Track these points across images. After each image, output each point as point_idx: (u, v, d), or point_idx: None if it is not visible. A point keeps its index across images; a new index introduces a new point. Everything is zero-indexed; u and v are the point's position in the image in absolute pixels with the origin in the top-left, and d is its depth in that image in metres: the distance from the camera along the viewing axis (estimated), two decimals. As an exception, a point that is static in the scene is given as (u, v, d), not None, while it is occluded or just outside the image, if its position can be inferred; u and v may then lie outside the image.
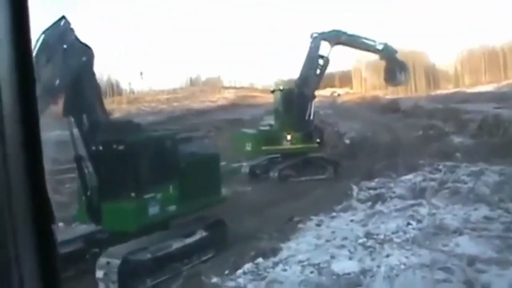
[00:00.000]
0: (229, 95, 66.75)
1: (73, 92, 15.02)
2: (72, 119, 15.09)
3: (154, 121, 52.74)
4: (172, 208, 15.85)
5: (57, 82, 14.55)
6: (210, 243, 16.28)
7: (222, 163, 30.62)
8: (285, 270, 13.21)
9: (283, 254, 14.35)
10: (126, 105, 67.96)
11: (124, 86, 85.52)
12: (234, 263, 14.10)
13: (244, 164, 29.70)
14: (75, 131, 15.25)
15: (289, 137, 27.72)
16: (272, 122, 30.84)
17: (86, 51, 15.38)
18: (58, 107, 15.22)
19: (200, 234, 16.21)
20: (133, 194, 14.96)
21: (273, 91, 31.58)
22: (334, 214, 18.00)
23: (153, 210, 15.30)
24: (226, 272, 13.55)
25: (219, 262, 14.70)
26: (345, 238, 14.94)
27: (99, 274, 13.47)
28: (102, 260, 13.63)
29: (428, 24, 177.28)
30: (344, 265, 12.88)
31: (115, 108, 65.64)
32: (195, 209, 16.72)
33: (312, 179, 26.29)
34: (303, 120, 28.12)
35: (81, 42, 15.26)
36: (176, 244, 15.38)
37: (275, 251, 14.62)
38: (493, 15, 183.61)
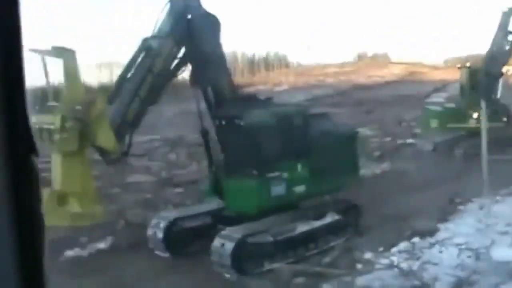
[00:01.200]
0: (397, 70, 65.21)
1: (198, 63, 14.67)
2: (199, 91, 14.83)
3: (320, 95, 53.17)
4: (301, 188, 14.77)
5: (182, 52, 14.62)
6: (341, 228, 15.11)
7: (387, 139, 30.62)
8: (441, 252, 13.00)
9: (441, 235, 14.09)
10: (293, 78, 68.86)
11: (292, 59, 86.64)
12: (389, 241, 14.07)
13: (409, 141, 29.32)
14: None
15: (475, 115, 26.67)
16: (441, 99, 29.90)
17: (211, 21, 14.89)
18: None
19: (331, 218, 15.05)
20: (255, 172, 14.10)
21: (459, 68, 30.52)
22: (498, 198, 17.20)
23: (278, 190, 14.27)
24: (381, 249, 13.58)
25: (374, 238, 14.68)
26: (508, 225, 14.30)
27: (214, 255, 13.15)
28: (218, 240, 13.22)
29: None
30: (505, 253, 12.37)
31: (282, 81, 66.91)
32: (327, 190, 15.59)
33: (499, 159, 25.04)
34: (489, 98, 26.93)
35: (207, 12, 14.88)
36: (302, 227, 14.35)
37: (432, 232, 14.39)
38: None
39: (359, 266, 12.85)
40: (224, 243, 13.02)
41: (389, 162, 25.39)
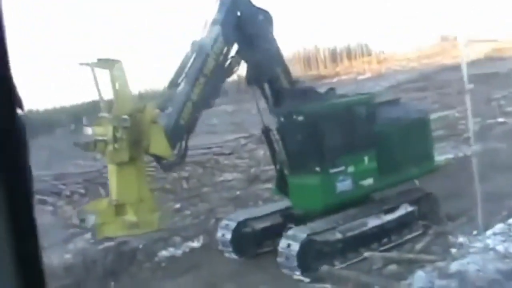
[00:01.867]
0: (482, 48, 62.78)
1: (251, 60, 14.40)
2: (257, 89, 14.64)
3: (404, 80, 52.10)
4: (368, 182, 14.20)
5: (236, 49, 14.36)
6: (417, 220, 14.57)
7: (476, 120, 29.59)
8: (540, 232, 12.50)
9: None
10: (376, 65, 67.74)
11: (374, 47, 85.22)
12: (484, 223, 13.63)
13: (500, 119, 28.32)
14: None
15: None
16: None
17: (262, 17, 14.59)
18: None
19: (404, 210, 14.49)
20: (318, 169, 13.60)
21: None
22: None
23: (343, 185, 13.73)
24: (475, 232, 13.19)
25: (468, 221, 14.26)
26: None
27: (280, 256, 12.82)
28: (284, 240, 12.92)
29: None
30: None
31: (365, 69, 66.04)
32: (398, 181, 14.94)
33: None
34: None
35: (257, 8, 14.59)
36: (373, 222, 13.91)
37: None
38: None
39: (453, 250, 12.55)
40: (290, 243, 12.73)
41: (480, 143, 24.54)
